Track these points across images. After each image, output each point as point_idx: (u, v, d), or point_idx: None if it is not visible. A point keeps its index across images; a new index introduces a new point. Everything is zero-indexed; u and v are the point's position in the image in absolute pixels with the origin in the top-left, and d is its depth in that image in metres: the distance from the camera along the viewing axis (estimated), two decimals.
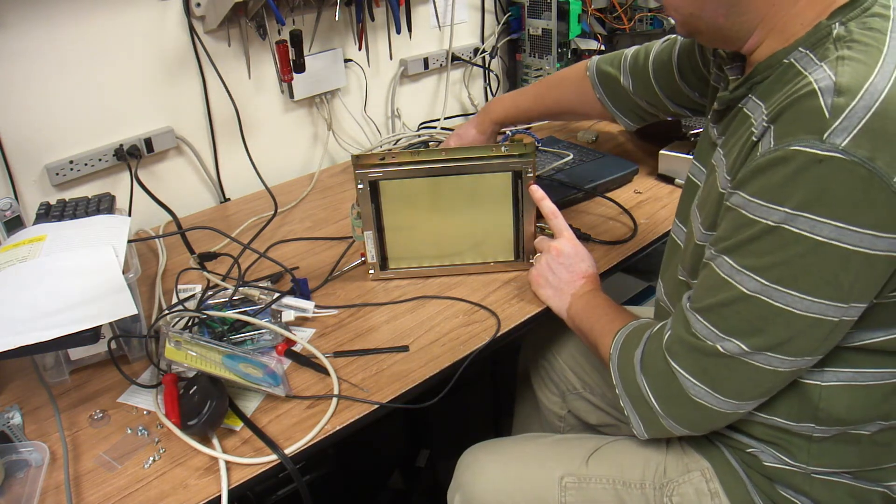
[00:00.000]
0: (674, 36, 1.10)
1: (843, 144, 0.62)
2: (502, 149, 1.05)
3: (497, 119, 1.33)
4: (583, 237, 1.19)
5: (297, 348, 0.97)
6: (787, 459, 0.80)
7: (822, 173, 0.62)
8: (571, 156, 1.46)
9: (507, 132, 1.46)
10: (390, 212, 1.09)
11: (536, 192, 1.05)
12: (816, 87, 0.65)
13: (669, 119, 1.24)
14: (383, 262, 1.13)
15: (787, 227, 0.65)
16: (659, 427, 0.80)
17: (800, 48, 0.70)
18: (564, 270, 1.02)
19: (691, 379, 0.74)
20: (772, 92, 0.71)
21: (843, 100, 0.63)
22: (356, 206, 1.10)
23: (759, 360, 0.71)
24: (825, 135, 0.62)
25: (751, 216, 0.67)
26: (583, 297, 0.99)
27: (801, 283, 0.66)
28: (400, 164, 1.05)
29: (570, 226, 1.07)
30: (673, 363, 0.76)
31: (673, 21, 0.83)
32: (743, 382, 0.73)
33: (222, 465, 0.79)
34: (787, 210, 0.64)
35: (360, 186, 1.05)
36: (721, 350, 0.72)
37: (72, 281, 0.86)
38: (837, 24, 0.69)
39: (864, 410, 0.76)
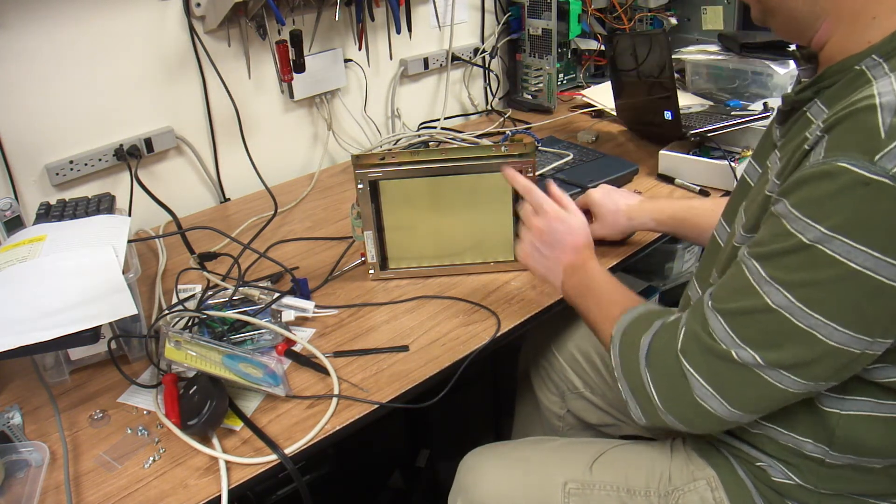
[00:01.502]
0: None
1: (894, 170, 0.58)
2: (502, 149, 1.05)
3: (659, 217, 1.15)
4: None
5: (297, 348, 0.97)
6: (795, 478, 0.79)
7: (867, 197, 0.59)
8: (571, 156, 1.46)
9: (508, 132, 1.45)
10: (390, 212, 1.09)
11: (507, 170, 1.01)
12: (878, 101, 0.61)
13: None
14: (383, 261, 1.13)
15: (821, 247, 0.62)
16: (657, 419, 0.78)
17: (873, 55, 0.66)
18: (549, 248, 0.98)
19: (699, 379, 0.72)
20: (837, 98, 0.68)
21: None
22: (356, 206, 1.10)
23: (771, 375, 0.68)
24: (877, 157, 0.59)
25: (789, 227, 0.65)
26: (575, 273, 0.96)
27: (827, 307, 0.64)
28: (400, 163, 1.05)
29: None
30: (684, 361, 0.73)
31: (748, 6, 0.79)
32: (751, 394, 0.71)
33: (222, 465, 0.78)
34: (824, 230, 0.62)
35: (360, 186, 1.05)
36: (735, 357, 0.69)
37: (72, 281, 0.86)
38: None
39: (881, 442, 0.74)
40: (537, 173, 1.08)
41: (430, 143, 1.66)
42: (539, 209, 0.99)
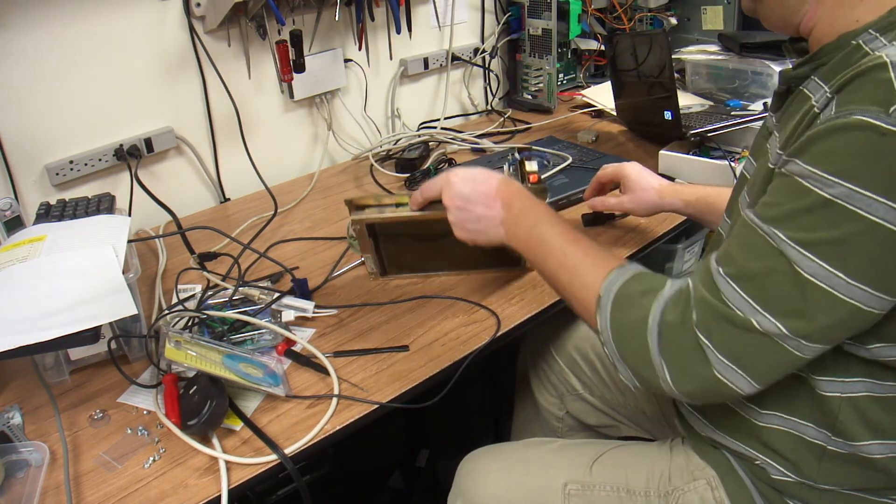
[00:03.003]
0: None
1: None
2: None
3: (687, 199, 1.12)
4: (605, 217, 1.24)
5: (297, 348, 0.97)
6: (794, 475, 0.79)
7: (883, 149, 0.59)
8: (571, 158, 1.46)
9: (515, 155, 1.39)
10: (388, 241, 1.08)
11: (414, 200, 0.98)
12: (887, 60, 0.61)
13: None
14: (383, 270, 1.13)
15: (841, 202, 0.61)
16: (655, 387, 0.73)
17: (870, 30, 0.67)
18: (473, 208, 0.90)
19: (717, 354, 0.68)
20: (835, 72, 0.68)
21: None
22: (352, 229, 1.08)
23: (791, 345, 0.66)
24: (892, 108, 0.59)
25: (805, 184, 0.63)
26: (514, 222, 0.88)
27: (849, 264, 0.62)
28: (396, 205, 1.01)
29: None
30: (702, 338, 0.69)
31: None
32: (771, 364, 0.68)
33: (222, 465, 0.78)
34: (843, 183, 0.61)
35: (355, 229, 1.03)
36: (756, 325, 0.66)
37: (72, 281, 0.86)
38: None
39: (882, 424, 0.74)
40: (540, 177, 1.07)
41: (430, 143, 1.66)
42: (436, 190, 0.93)
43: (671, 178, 1.39)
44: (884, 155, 0.59)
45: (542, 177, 1.29)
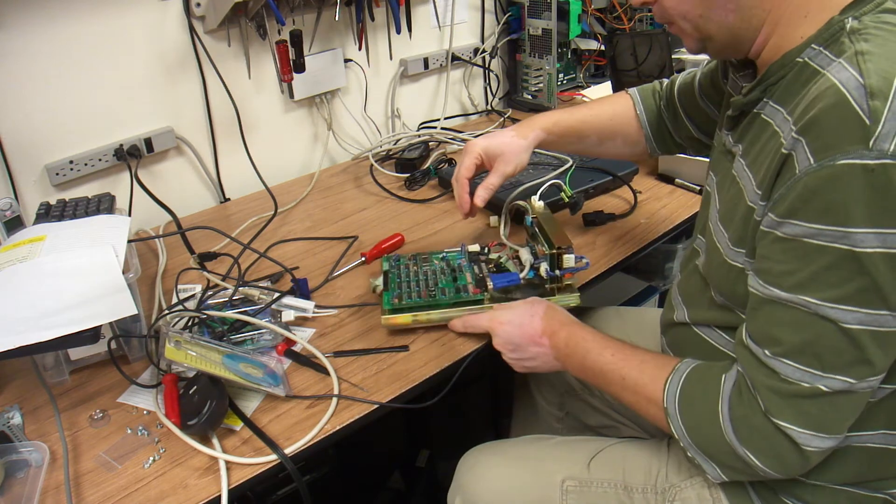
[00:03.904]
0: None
1: (892, 148, 0.58)
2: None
3: (544, 125, 1.10)
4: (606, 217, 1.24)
5: (297, 348, 0.97)
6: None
7: (878, 183, 0.59)
8: (571, 160, 1.45)
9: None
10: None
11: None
12: (844, 90, 0.61)
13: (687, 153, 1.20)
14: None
15: (859, 249, 0.61)
16: (753, 476, 0.75)
17: (812, 45, 0.68)
18: (526, 349, 0.93)
19: (798, 429, 0.68)
20: (790, 94, 0.69)
21: (879, 102, 0.59)
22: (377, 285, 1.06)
23: (863, 388, 0.67)
24: (871, 142, 0.59)
25: (817, 243, 0.63)
26: (567, 356, 0.90)
27: (891, 300, 0.62)
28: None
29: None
30: (779, 422, 0.69)
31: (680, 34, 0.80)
32: (851, 413, 0.69)
33: (222, 465, 0.79)
34: (853, 230, 0.61)
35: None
36: (823, 389, 0.66)
37: (72, 281, 0.86)
38: (850, 18, 0.66)
39: (869, 416, 0.74)
40: (539, 180, 1.07)
41: (430, 144, 1.66)
42: (480, 327, 0.96)
43: (671, 179, 1.40)
44: (882, 188, 0.60)
45: (542, 177, 1.29)
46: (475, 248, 1.13)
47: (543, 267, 1.00)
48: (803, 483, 0.79)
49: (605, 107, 1.14)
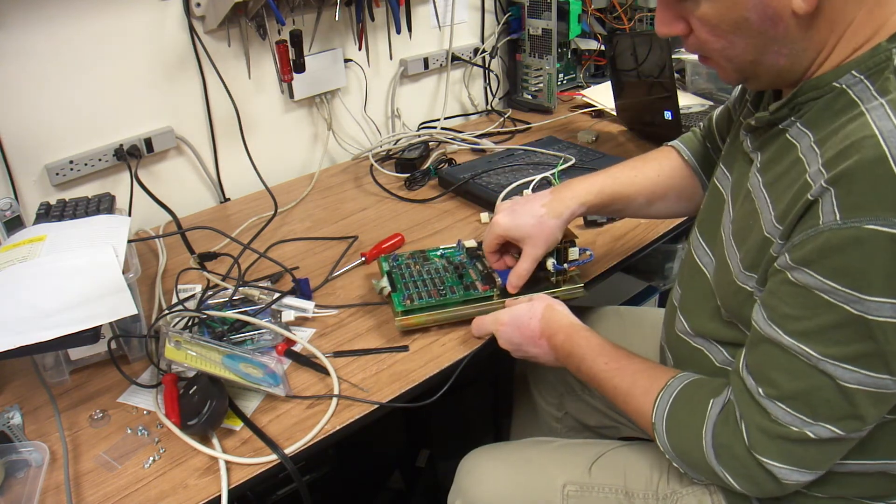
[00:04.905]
0: None
1: None
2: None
3: (584, 199, 1.00)
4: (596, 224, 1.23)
5: (297, 348, 0.97)
6: None
7: None
8: (574, 160, 1.46)
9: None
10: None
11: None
12: (885, 147, 0.57)
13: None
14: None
15: (871, 317, 0.59)
16: (738, 492, 0.77)
17: (853, 72, 0.63)
18: (527, 350, 0.95)
19: (779, 465, 0.69)
20: (821, 119, 0.65)
21: None
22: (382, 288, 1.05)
23: (851, 437, 0.67)
24: None
25: (828, 300, 0.61)
26: (564, 358, 0.92)
27: (893, 366, 0.62)
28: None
29: None
30: (758, 456, 0.70)
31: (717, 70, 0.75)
32: (834, 457, 0.70)
33: (222, 465, 0.78)
34: (869, 298, 0.59)
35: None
36: (811, 436, 0.67)
37: (72, 281, 0.86)
38: None
39: (877, 445, 0.73)
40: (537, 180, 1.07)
41: (430, 144, 1.66)
42: (486, 329, 0.97)
43: None
44: None
45: (540, 177, 1.29)
46: (472, 244, 1.13)
47: (550, 261, 1.01)
48: (805, 494, 0.79)
49: (648, 163, 1.06)
